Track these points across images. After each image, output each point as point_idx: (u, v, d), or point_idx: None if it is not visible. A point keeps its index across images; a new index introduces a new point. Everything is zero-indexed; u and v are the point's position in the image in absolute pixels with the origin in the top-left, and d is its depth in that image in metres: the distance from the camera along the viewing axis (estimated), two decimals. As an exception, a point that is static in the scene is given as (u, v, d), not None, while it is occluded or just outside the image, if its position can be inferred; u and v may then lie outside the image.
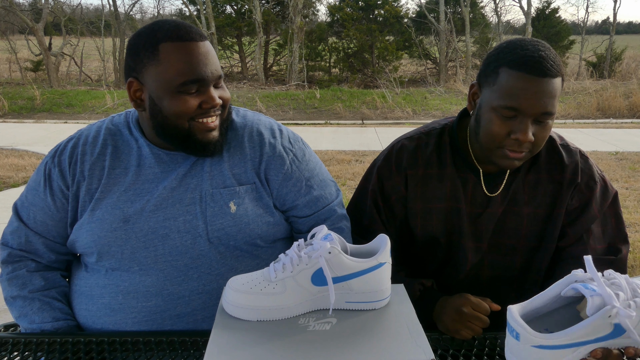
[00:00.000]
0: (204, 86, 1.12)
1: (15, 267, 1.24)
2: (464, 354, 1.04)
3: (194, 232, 1.16)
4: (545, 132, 1.16)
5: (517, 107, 1.11)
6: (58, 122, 9.47)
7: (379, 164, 1.37)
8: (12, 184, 5.39)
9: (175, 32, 1.10)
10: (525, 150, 1.16)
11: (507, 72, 1.13)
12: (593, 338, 0.84)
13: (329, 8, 15.84)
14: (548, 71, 1.10)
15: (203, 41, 1.12)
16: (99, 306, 1.17)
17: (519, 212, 1.29)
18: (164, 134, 1.15)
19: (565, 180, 1.28)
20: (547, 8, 16.28)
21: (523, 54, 1.12)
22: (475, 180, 1.29)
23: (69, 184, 1.20)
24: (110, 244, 1.15)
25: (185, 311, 1.15)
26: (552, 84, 1.11)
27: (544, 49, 1.14)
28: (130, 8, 30.46)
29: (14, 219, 1.25)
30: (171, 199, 1.17)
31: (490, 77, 1.17)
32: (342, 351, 0.85)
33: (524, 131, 1.12)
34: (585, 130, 8.55)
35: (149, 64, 1.10)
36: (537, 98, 1.10)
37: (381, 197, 1.35)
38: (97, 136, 1.23)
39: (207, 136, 1.14)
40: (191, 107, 1.11)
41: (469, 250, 1.30)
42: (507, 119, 1.14)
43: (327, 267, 0.93)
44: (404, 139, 1.38)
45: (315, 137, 7.88)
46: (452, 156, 1.31)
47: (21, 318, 1.21)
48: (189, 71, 1.09)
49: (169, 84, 1.10)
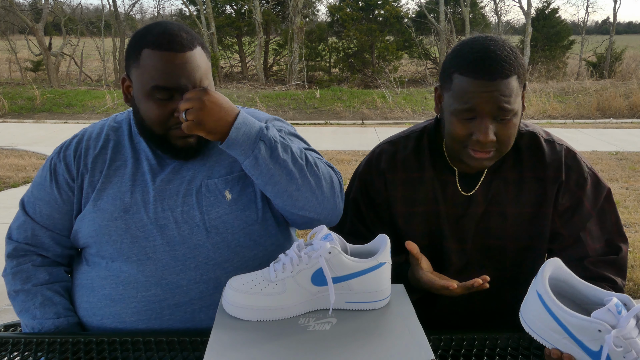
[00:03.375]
0: (178, 94, 1.14)
1: (20, 262, 1.26)
2: (464, 354, 1.04)
3: (191, 223, 1.19)
4: (508, 130, 1.15)
5: (472, 108, 1.12)
6: (58, 122, 9.47)
7: (361, 170, 1.38)
8: (12, 184, 5.39)
9: (157, 40, 1.13)
10: (490, 149, 1.16)
11: (459, 78, 1.14)
12: (575, 336, 0.88)
13: (329, 8, 15.85)
14: (497, 73, 1.10)
15: (184, 52, 1.13)
16: (99, 297, 1.19)
17: (503, 212, 1.27)
18: (142, 133, 1.22)
19: (549, 178, 1.25)
20: (547, 8, 16.26)
21: (471, 58, 1.12)
22: (452, 180, 1.29)
23: (74, 176, 1.24)
24: (111, 233, 1.18)
25: (184, 300, 1.17)
26: (504, 84, 1.10)
27: (495, 48, 1.12)
28: (130, 8, 30.53)
29: (21, 214, 1.29)
30: (168, 190, 1.21)
31: (446, 82, 1.18)
32: (342, 351, 0.85)
33: (484, 132, 1.12)
34: (585, 130, 8.55)
35: (133, 65, 1.16)
36: (490, 98, 1.10)
37: (365, 203, 1.35)
38: (100, 132, 1.29)
39: (182, 141, 1.18)
40: (162, 114, 1.14)
41: (452, 253, 1.30)
42: (466, 121, 1.14)
43: (327, 267, 0.93)
44: (384, 143, 1.38)
45: (315, 137, 7.88)
46: (431, 158, 1.31)
47: (23, 313, 1.23)
48: (159, 78, 1.12)
49: (143, 87, 1.15)
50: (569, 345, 0.90)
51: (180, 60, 1.13)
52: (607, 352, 0.85)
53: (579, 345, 0.89)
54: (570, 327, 0.89)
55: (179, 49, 1.13)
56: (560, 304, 0.90)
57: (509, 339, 1.08)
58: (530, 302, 0.95)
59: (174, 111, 1.14)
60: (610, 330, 0.84)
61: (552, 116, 10.11)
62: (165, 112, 1.14)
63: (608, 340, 0.83)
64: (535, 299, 0.93)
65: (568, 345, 0.90)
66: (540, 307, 0.92)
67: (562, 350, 0.92)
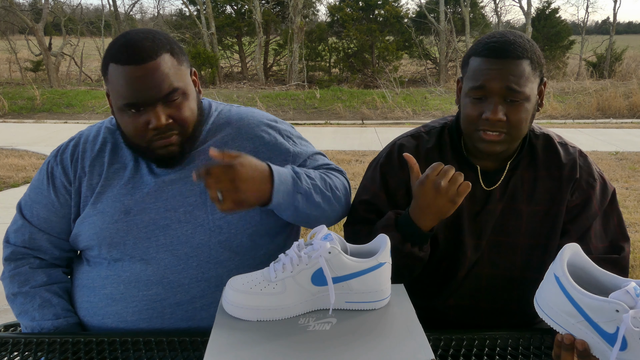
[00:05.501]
0: (149, 106, 1.12)
1: (18, 265, 1.26)
2: (464, 354, 1.04)
3: (194, 222, 1.19)
4: (519, 114, 1.18)
5: (483, 85, 1.18)
6: (58, 122, 9.47)
7: (382, 161, 1.37)
8: (12, 184, 5.39)
9: (118, 53, 1.11)
10: (500, 130, 1.19)
11: (473, 59, 1.22)
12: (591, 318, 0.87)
13: (329, 8, 15.85)
14: (510, 53, 1.17)
15: (145, 63, 1.10)
16: (100, 297, 1.19)
17: (518, 209, 1.30)
18: (126, 144, 1.22)
19: (564, 177, 1.29)
20: (547, 8, 16.25)
21: (488, 41, 1.20)
22: (474, 177, 1.31)
23: (71, 179, 1.24)
24: (112, 236, 1.18)
25: (185, 299, 1.17)
26: (516, 64, 1.16)
27: (514, 37, 1.20)
28: (130, 8, 30.54)
29: (18, 217, 1.28)
30: (170, 190, 1.20)
31: (464, 68, 1.26)
32: (342, 351, 0.85)
33: (493, 110, 1.17)
34: (585, 130, 8.55)
35: (105, 79, 1.17)
36: (499, 75, 1.16)
37: (385, 195, 1.35)
38: (97, 135, 1.28)
39: (164, 150, 1.17)
40: (139, 127, 1.14)
41: (468, 248, 1.31)
42: (478, 101, 1.20)
43: (327, 267, 0.93)
44: (405, 137, 1.39)
45: (315, 137, 7.88)
46: (453, 153, 1.33)
47: (22, 315, 1.23)
48: (125, 94, 1.12)
49: (115, 103, 1.15)
50: (583, 330, 0.88)
51: (142, 72, 1.10)
52: (624, 333, 0.83)
53: (593, 328, 0.87)
54: (586, 309, 0.87)
55: (139, 61, 1.10)
56: (577, 286, 0.89)
57: (509, 339, 1.08)
58: (547, 285, 0.95)
59: (148, 122, 1.13)
60: (628, 310, 0.83)
61: (552, 116, 10.11)
62: (139, 125, 1.14)
63: (625, 320, 0.82)
64: (553, 282, 0.93)
65: (582, 330, 0.88)
66: (557, 290, 0.91)
67: (575, 335, 0.89)
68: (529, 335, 1.08)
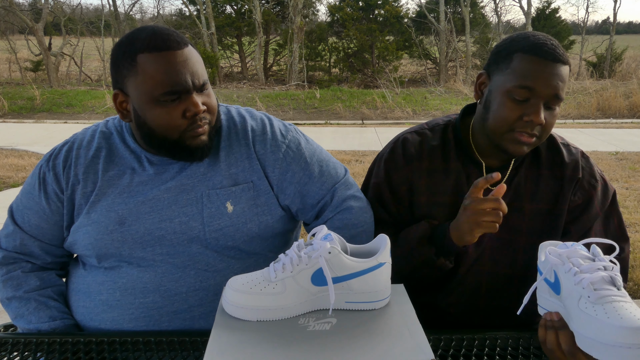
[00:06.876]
0: (186, 94, 1.10)
1: (10, 269, 1.24)
2: (464, 354, 1.04)
3: (189, 234, 1.16)
4: (553, 119, 1.19)
5: (532, 86, 1.15)
6: (58, 122, 9.47)
7: (386, 157, 1.37)
8: (12, 184, 5.39)
9: (151, 41, 1.07)
10: (535, 134, 1.19)
11: (521, 57, 1.18)
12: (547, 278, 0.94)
13: (329, 8, 15.84)
14: (560, 57, 1.16)
15: (182, 49, 1.09)
16: (96, 303, 1.18)
17: (521, 207, 1.30)
18: (151, 143, 1.16)
19: (566, 177, 1.29)
20: (547, 8, 16.26)
21: (536, 40, 1.18)
22: (478, 174, 1.31)
23: (64, 187, 1.20)
24: (108, 246, 1.16)
25: (182, 307, 1.16)
26: (563, 70, 1.17)
27: (553, 40, 1.20)
28: (130, 8, 30.53)
29: (9, 222, 1.26)
30: (166, 200, 1.17)
31: (503, 63, 1.21)
32: (342, 351, 0.85)
33: (537, 113, 1.15)
34: (585, 130, 8.54)
35: (129, 75, 1.10)
36: (550, 80, 1.15)
37: (388, 189, 1.35)
38: (91, 140, 1.24)
39: (195, 141, 1.14)
40: (175, 117, 1.10)
41: (470, 244, 1.31)
42: (519, 102, 1.17)
43: (327, 267, 0.93)
44: (408, 133, 1.39)
45: (315, 137, 7.77)
46: (457, 150, 1.33)
47: (18, 319, 1.21)
48: (167, 82, 1.07)
49: (149, 95, 1.09)
50: (551, 301, 0.93)
51: (182, 57, 1.08)
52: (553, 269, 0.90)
53: (549, 286, 0.93)
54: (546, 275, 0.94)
55: (177, 47, 1.08)
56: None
57: (509, 338, 1.08)
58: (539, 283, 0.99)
59: (184, 111, 1.10)
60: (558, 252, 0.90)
61: (552, 116, 10.10)
62: (175, 115, 1.10)
63: (548, 257, 0.91)
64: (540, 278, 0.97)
65: (551, 301, 0.93)
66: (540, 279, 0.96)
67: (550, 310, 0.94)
68: (529, 335, 1.08)
